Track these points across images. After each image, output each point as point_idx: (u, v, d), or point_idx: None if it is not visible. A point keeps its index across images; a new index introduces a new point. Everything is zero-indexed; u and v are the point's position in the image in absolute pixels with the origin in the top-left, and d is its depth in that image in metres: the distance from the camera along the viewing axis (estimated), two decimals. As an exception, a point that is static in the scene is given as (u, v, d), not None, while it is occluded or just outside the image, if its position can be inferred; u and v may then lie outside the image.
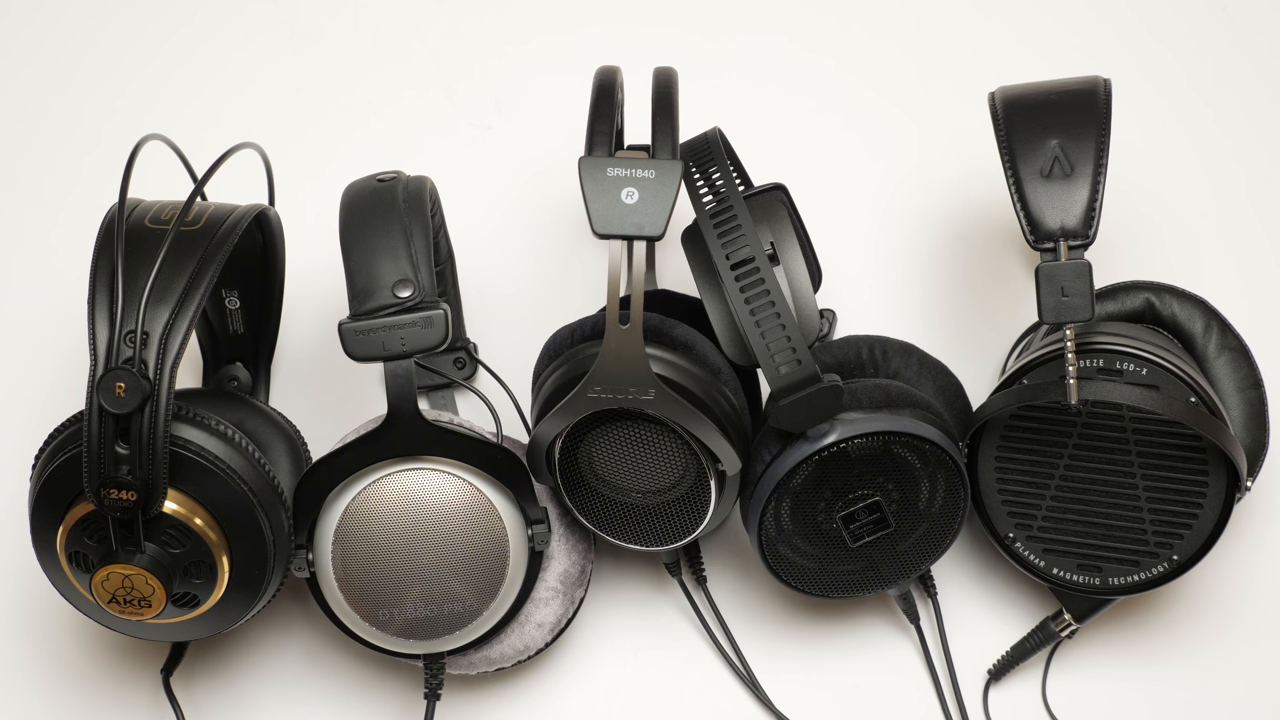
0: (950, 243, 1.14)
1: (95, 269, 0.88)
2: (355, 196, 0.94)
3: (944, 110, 1.17)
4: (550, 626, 0.99)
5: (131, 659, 1.05)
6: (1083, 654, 1.04)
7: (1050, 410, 0.96)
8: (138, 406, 0.85)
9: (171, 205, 0.92)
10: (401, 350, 0.88)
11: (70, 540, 0.89)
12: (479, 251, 1.13)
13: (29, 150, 1.19)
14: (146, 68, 1.21)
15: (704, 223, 0.92)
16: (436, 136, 1.19)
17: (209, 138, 1.05)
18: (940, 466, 0.95)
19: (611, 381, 0.88)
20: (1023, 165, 0.93)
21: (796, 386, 0.90)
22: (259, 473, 0.92)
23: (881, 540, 0.97)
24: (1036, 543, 0.99)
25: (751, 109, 1.18)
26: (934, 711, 1.03)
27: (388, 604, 0.94)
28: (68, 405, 0.98)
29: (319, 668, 1.05)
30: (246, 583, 0.92)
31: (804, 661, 1.05)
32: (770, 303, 0.90)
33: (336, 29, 1.22)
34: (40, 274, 1.15)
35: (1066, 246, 0.91)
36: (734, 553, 1.07)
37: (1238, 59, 1.18)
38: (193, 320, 0.87)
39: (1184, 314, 1.03)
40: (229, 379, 1.07)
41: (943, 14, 1.21)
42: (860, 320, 1.11)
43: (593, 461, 0.94)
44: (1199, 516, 0.96)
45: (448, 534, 0.93)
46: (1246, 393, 1.01)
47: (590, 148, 0.88)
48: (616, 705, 1.05)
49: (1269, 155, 1.16)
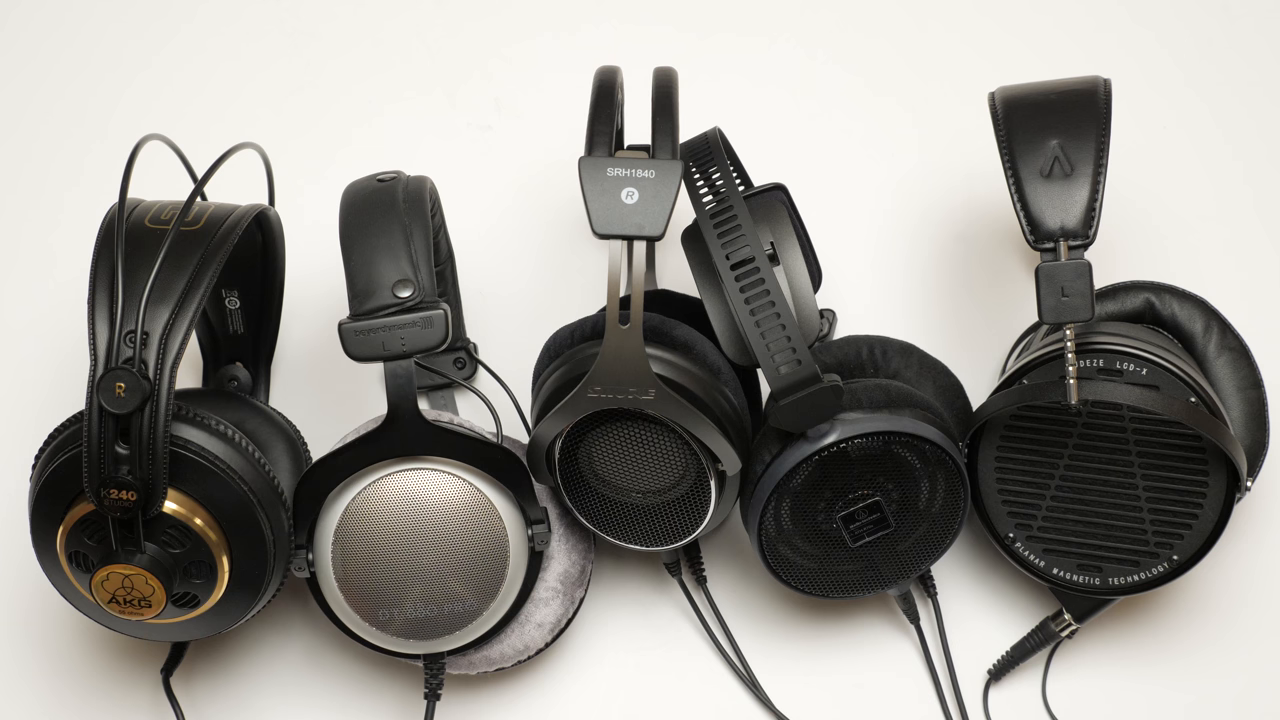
0: (950, 243, 1.14)
1: (95, 269, 0.88)
2: (355, 196, 0.94)
3: (944, 110, 1.17)
4: (550, 626, 0.99)
5: (131, 659, 1.05)
6: (1083, 654, 1.04)
7: (1050, 410, 0.96)
8: (138, 406, 0.85)
9: (171, 205, 0.92)
10: (401, 350, 0.88)
11: (70, 540, 0.89)
12: (479, 251, 1.13)
13: (29, 150, 1.19)
14: (146, 67, 1.21)
15: (704, 223, 0.92)
16: (436, 136, 1.19)
17: (209, 138, 1.05)
18: (940, 466, 0.95)
19: (611, 381, 0.88)
20: (1023, 165, 0.93)
21: (796, 386, 0.90)
22: (259, 473, 0.92)
23: (881, 540, 0.97)
24: (1036, 543, 0.99)
25: (751, 109, 1.18)
26: (934, 711, 1.03)
27: (388, 604, 0.94)
28: (68, 405, 0.98)
29: (319, 668, 1.05)
30: (246, 583, 0.92)
31: (804, 661, 1.05)
32: (770, 303, 0.90)
33: (336, 29, 1.22)
34: (40, 274, 1.15)
35: (1066, 246, 0.91)
36: (734, 553, 1.07)
37: (1238, 59, 1.18)
38: (193, 320, 0.87)
39: (1184, 314, 1.03)
40: (229, 379, 1.07)
41: (942, 14, 1.21)
42: (860, 320, 1.11)
43: (593, 461, 0.94)
44: (1199, 516, 0.96)
45: (448, 534, 0.93)
46: (1246, 393, 1.01)
47: (590, 148, 0.88)
48: (616, 705, 1.04)
49: (1269, 155, 1.16)
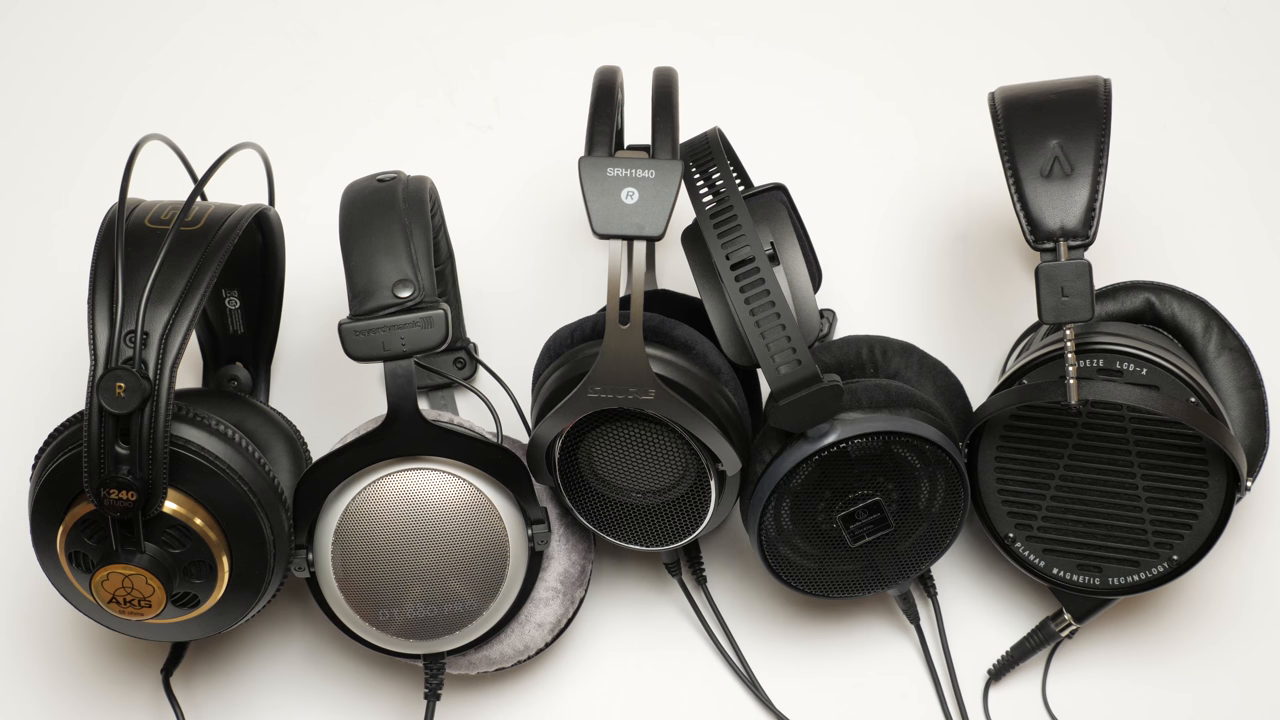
0: (950, 243, 1.14)
1: (95, 269, 0.88)
2: (355, 196, 0.94)
3: (944, 110, 1.17)
4: (550, 626, 0.99)
5: (131, 659, 1.05)
6: (1083, 654, 1.04)
7: (1050, 410, 0.96)
8: (138, 406, 0.85)
9: (171, 205, 0.92)
10: (401, 350, 0.88)
11: (70, 540, 0.89)
12: (479, 251, 1.13)
13: (28, 150, 1.19)
14: (146, 67, 1.21)
15: (704, 223, 0.92)
16: (436, 136, 1.19)
17: (209, 138, 1.05)
18: (940, 466, 0.95)
19: (611, 381, 0.88)
20: (1023, 165, 0.93)
21: (796, 386, 0.90)
22: (259, 473, 0.92)
23: (881, 540, 0.97)
24: (1036, 543, 0.99)
25: (751, 109, 1.18)
26: (934, 711, 1.03)
27: (388, 604, 0.94)
28: (68, 405, 0.98)
29: (319, 668, 1.05)
30: (246, 583, 0.92)
31: (804, 661, 1.05)
32: (770, 303, 0.90)
33: (336, 29, 1.22)
34: (40, 274, 1.15)
35: (1066, 246, 0.91)
36: (734, 553, 1.07)
37: (1238, 59, 1.18)
38: (193, 320, 0.87)
39: (1184, 314, 1.03)
40: (229, 379, 1.07)
41: (943, 14, 1.21)
42: (860, 320, 1.11)
43: (593, 461, 0.94)
44: (1199, 516, 0.96)
45: (448, 534, 0.93)
46: (1246, 393, 1.01)
47: (590, 148, 0.88)
48: (616, 705, 1.04)
49: (1269, 155, 1.16)
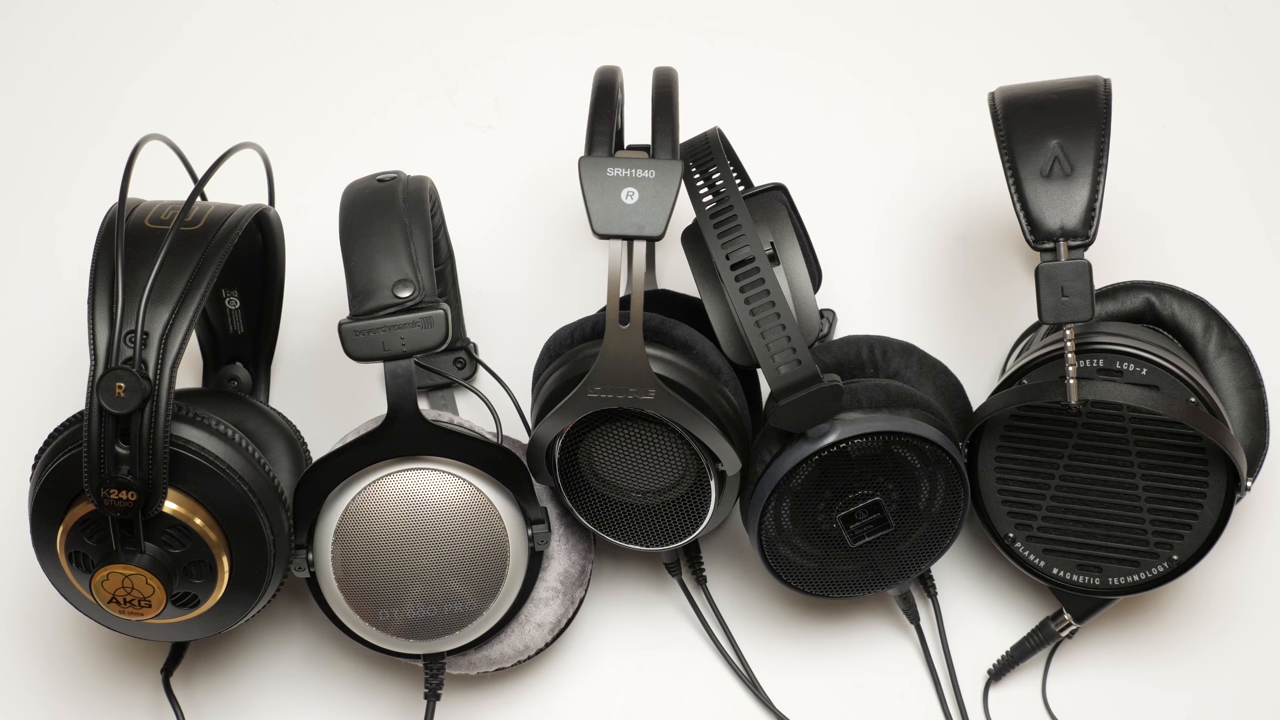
0: (950, 243, 1.14)
1: (95, 269, 0.88)
2: (355, 196, 0.94)
3: (944, 110, 1.17)
4: (550, 626, 0.99)
5: (131, 659, 1.05)
6: (1083, 654, 1.04)
7: (1050, 410, 0.96)
8: (138, 406, 0.85)
9: (171, 205, 0.92)
10: (401, 350, 0.88)
11: (70, 540, 0.89)
12: (479, 251, 1.13)
13: (29, 150, 1.19)
14: (146, 67, 1.21)
15: (704, 223, 0.92)
16: (436, 136, 1.19)
17: (209, 138, 1.05)
18: (940, 466, 0.95)
19: (611, 381, 0.88)
20: (1023, 165, 0.93)
21: (796, 386, 0.90)
22: (259, 473, 0.92)
23: (881, 540, 0.97)
24: (1036, 543, 0.99)
25: (751, 109, 1.18)
26: (934, 711, 1.03)
27: (388, 604, 0.94)
28: (68, 405, 0.98)
29: (319, 668, 1.05)
30: (246, 583, 0.92)
31: (804, 661, 1.05)
32: (770, 303, 0.90)
33: (336, 29, 1.22)
34: (40, 274, 1.15)
35: (1066, 246, 0.91)
36: (734, 553, 1.07)
37: (1238, 59, 1.18)
38: (193, 320, 0.87)
39: (1184, 314, 1.03)
40: (229, 379, 1.07)
41: (942, 14, 1.21)
42: (860, 320, 1.11)
43: (593, 461, 0.94)
44: (1199, 516, 0.96)
45: (448, 534, 0.92)
46: (1246, 393, 1.01)
47: (590, 148, 0.88)
48: (616, 705, 1.04)
49: (1269, 155, 1.16)
